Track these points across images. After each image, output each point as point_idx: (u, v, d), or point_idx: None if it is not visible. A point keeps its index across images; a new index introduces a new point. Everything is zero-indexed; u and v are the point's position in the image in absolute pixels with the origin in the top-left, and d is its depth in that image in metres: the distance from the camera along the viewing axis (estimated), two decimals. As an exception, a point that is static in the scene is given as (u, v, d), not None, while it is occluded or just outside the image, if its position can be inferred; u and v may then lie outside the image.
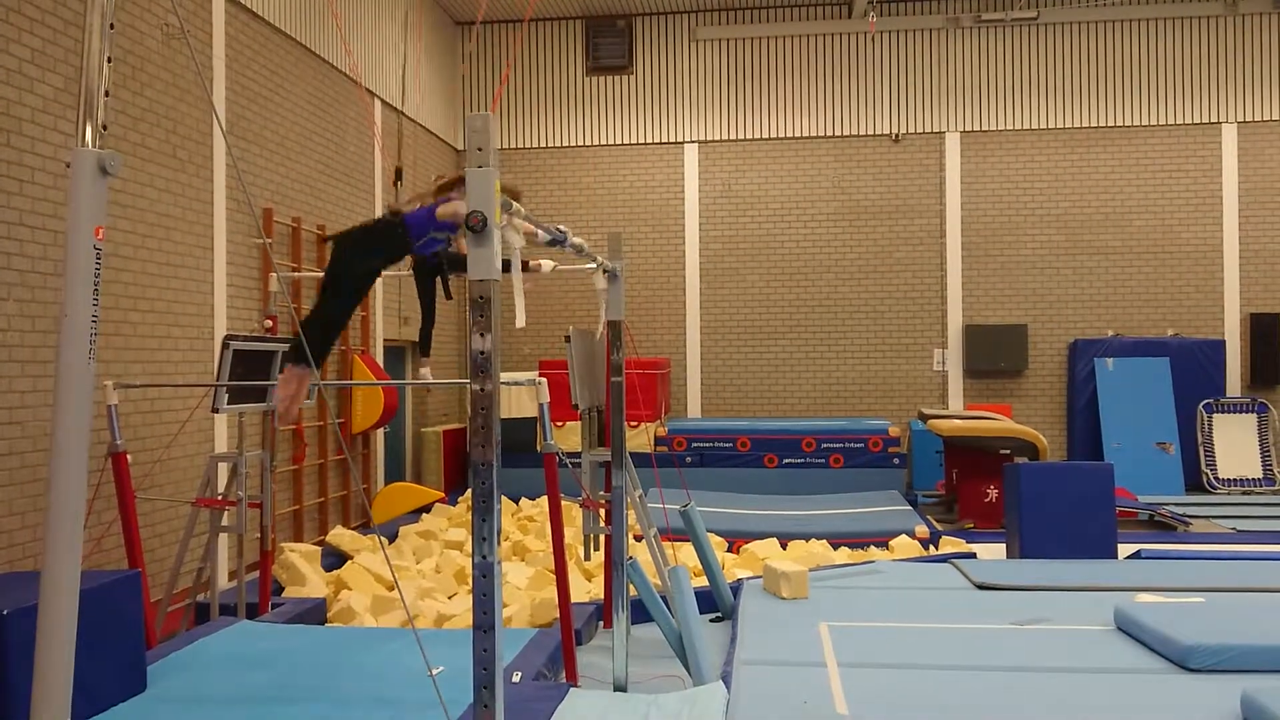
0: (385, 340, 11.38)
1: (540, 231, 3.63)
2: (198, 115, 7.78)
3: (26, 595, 4.15)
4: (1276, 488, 12.77)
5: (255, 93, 8.67)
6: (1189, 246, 13.51)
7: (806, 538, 9.21)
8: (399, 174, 7.78)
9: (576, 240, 4.04)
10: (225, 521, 6.85)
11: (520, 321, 3.12)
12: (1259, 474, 12.92)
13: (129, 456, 5.95)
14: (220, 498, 6.70)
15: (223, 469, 6.89)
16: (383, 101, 11.45)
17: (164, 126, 7.29)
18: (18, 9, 5.90)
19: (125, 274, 6.84)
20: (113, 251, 6.68)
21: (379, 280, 10.97)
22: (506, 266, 3.33)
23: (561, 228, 3.90)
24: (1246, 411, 13.13)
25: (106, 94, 1.85)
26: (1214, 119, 13.44)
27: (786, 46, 14.01)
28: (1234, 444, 13.02)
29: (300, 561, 7.74)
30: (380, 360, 11.04)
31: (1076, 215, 13.66)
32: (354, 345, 10.34)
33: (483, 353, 2.74)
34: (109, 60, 1.85)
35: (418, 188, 11.88)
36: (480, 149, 2.72)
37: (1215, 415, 13.13)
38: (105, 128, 1.89)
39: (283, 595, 7.46)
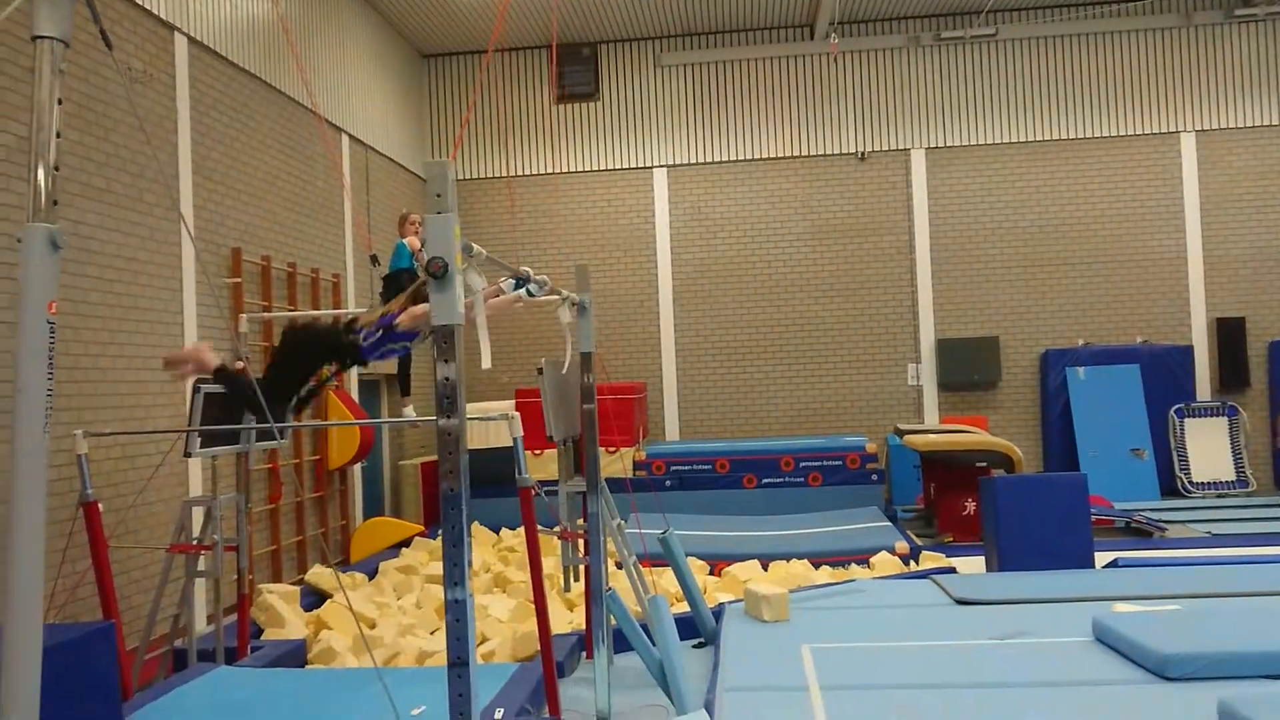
0: (360, 374, 11.34)
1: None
2: (164, 157, 7.76)
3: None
4: (1249, 490, 12.91)
5: (221, 133, 8.66)
6: (1154, 254, 13.69)
7: (787, 558, 9.22)
8: (374, 260, 8.04)
9: (540, 279, 4.05)
10: (201, 566, 6.79)
11: (486, 363, 3.12)
12: (1232, 476, 13.06)
13: (101, 505, 5.89)
14: (195, 542, 6.64)
15: (197, 513, 6.83)
16: (349, 136, 11.47)
17: (130, 170, 7.27)
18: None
19: (94, 320, 6.80)
20: (81, 298, 6.64)
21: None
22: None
23: (525, 271, 3.91)
24: (1217, 415, 13.28)
25: (56, 169, 1.86)
26: (1173, 128, 13.66)
27: (750, 69, 14.15)
28: (1206, 448, 13.16)
29: (279, 603, 7.68)
30: (355, 395, 11.00)
31: (1042, 226, 13.81)
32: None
33: (447, 379, 2.73)
34: (58, 135, 1.87)
35: (388, 222, 11.90)
36: (439, 195, 2.74)
37: (1187, 420, 13.27)
38: (56, 202, 1.89)
39: (262, 638, 7.40)
